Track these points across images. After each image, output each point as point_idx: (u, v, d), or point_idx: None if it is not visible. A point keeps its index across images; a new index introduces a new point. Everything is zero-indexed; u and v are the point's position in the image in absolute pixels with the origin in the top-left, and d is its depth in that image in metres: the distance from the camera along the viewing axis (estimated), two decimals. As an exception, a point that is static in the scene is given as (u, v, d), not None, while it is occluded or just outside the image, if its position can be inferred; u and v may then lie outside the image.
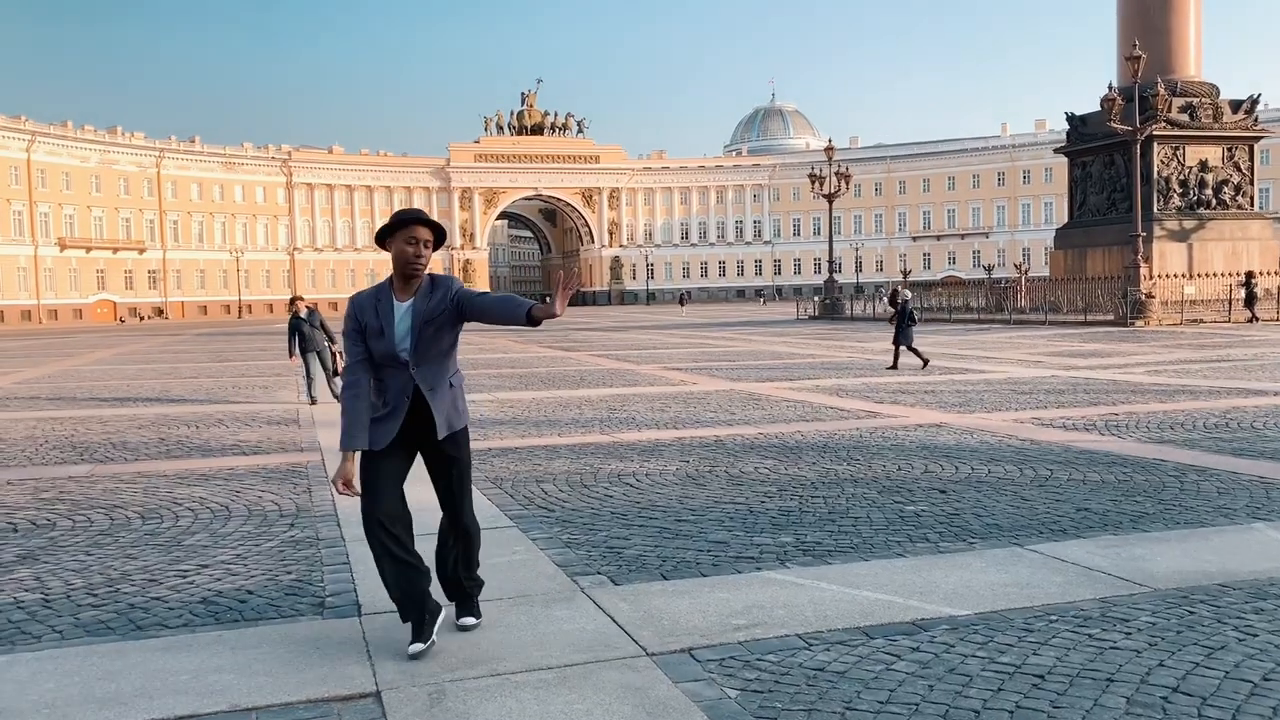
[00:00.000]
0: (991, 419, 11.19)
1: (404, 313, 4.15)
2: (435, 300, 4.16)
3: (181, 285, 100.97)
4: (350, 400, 4.15)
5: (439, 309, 4.16)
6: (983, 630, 4.32)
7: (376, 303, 4.17)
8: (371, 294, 4.23)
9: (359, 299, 4.23)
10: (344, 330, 4.25)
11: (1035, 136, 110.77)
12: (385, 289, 4.21)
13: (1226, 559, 5.31)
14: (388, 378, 4.20)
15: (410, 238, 4.11)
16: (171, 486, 8.23)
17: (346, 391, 4.17)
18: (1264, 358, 18.84)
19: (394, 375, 4.20)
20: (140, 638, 4.50)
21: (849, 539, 5.94)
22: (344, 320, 4.25)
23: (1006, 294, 41.76)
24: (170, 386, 18.82)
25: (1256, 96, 39.15)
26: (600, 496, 7.37)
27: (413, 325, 4.15)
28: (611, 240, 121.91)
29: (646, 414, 12.50)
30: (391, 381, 4.20)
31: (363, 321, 4.17)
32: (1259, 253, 37.77)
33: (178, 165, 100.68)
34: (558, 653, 4.18)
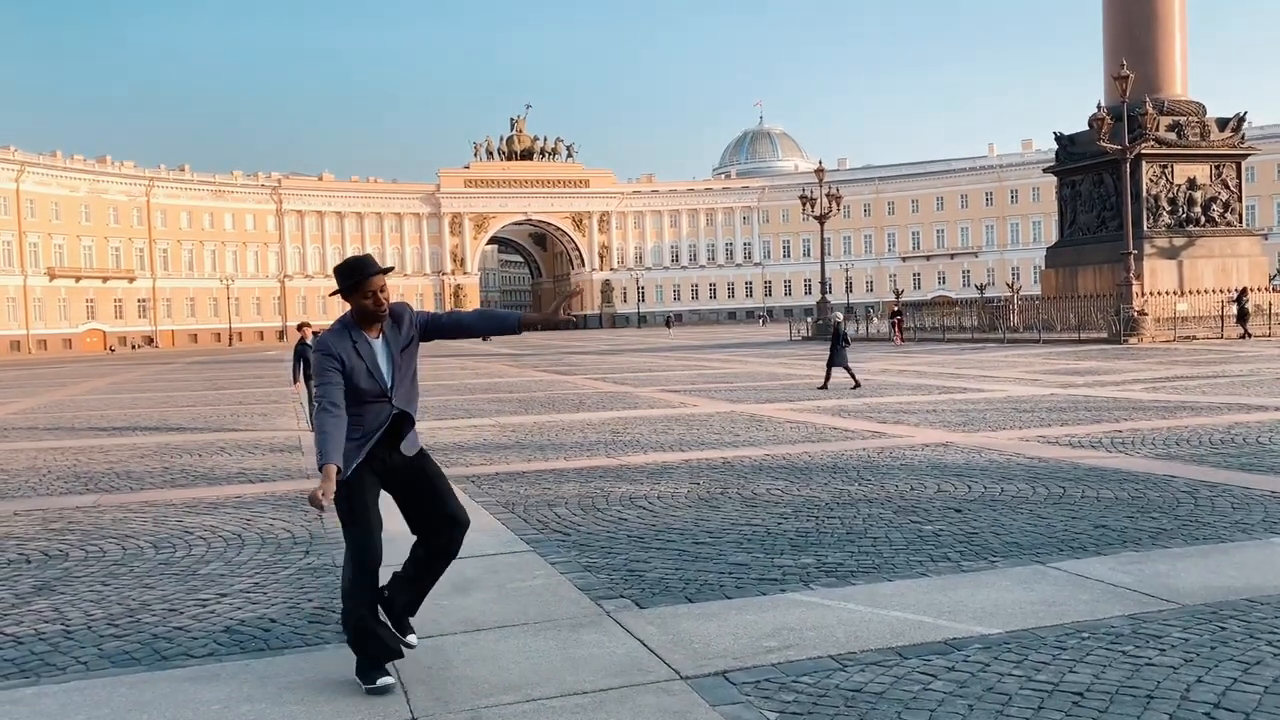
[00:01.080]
0: (997, 437, 11.21)
1: (381, 349, 4.26)
2: (404, 331, 4.30)
3: (172, 314, 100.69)
4: (330, 420, 4.11)
5: (408, 338, 4.31)
6: (1015, 649, 4.31)
7: (353, 344, 4.21)
8: (342, 335, 4.23)
9: (330, 340, 4.22)
10: (318, 367, 4.20)
11: (1022, 156, 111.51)
12: (355, 329, 4.24)
13: (1251, 574, 5.31)
14: (366, 411, 4.22)
15: (368, 291, 4.18)
16: (181, 515, 8.18)
17: (325, 414, 4.12)
18: (1260, 373, 18.93)
19: (374, 407, 4.23)
20: (166, 668, 4.46)
21: (870, 559, 5.93)
22: (317, 359, 4.22)
23: (1000, 313, 41.91)
24: (168, 415, 18.73)
25: (1243, 114, 39.52)
26: (614, 519, 7.34)
27: (390, 356, 4.26)
28: (602, 264, 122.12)
29: (650, 437, 12.48)
30: (369, 412, 4.22)
31: (346, 362, 4.18)
32: (1248, 269, 38.01)
33: (167, 194, 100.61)
34: (591, 677, 4.15)
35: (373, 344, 4.23)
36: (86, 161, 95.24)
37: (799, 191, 61.21)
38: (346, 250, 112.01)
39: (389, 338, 4.27)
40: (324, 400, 4.16)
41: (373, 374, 4.19)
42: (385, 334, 4.27)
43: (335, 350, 4.17)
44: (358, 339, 4.22)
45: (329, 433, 4.08)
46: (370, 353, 4.21)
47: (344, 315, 4.31)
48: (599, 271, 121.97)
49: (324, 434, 4.09)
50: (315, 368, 4.21)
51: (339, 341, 4.20)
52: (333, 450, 4.06)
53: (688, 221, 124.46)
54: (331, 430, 4.09)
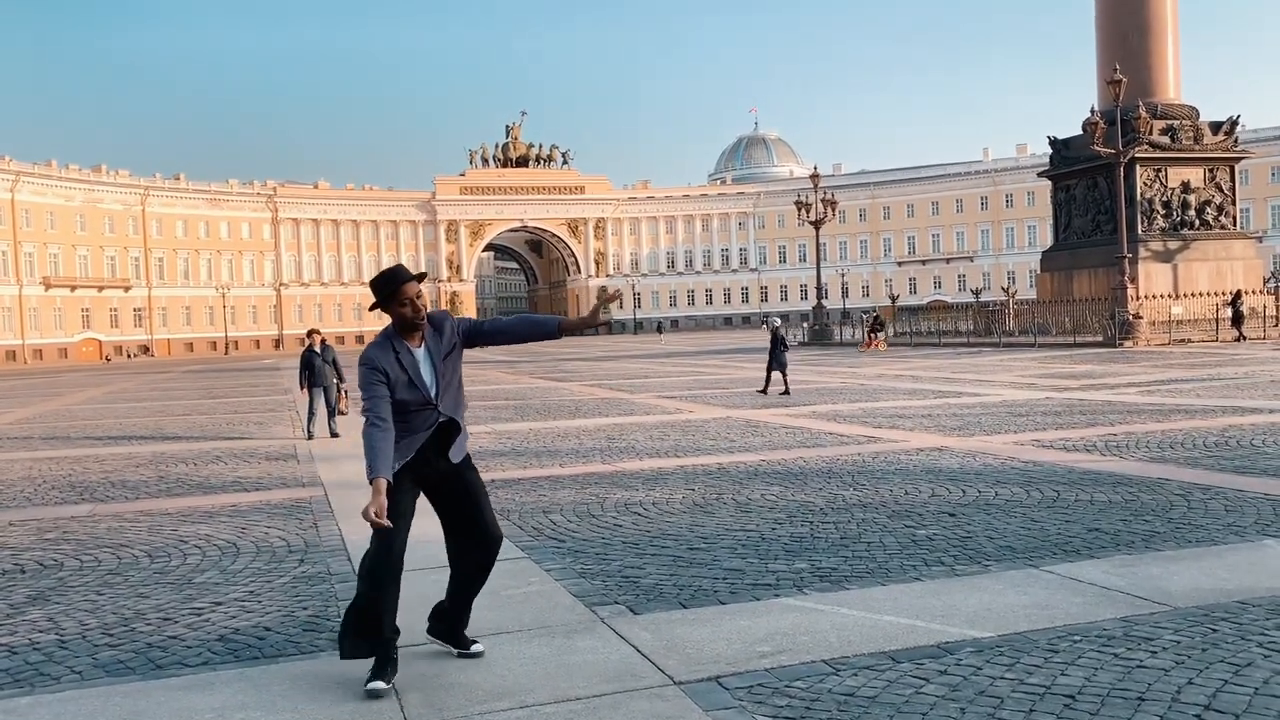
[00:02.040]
0: (992, 441, 11.23)
1: (424, 358, 4.33)
2: (445, 338, 4.37)
3: (167, 322, 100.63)
4: (378, 434, 4.17)
5: (450, 344, 4.38)
6: (1008, 652, 4.33)
7: (396, 355, 4.27)
8: (385, 347, 4.28)
9: (373, 354, 4.27)
10: (363, 381, 4.24)
11: (1017, 161, 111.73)
12: (397, 339, 4.31)
13: (1243, 576, 5.33)
14: (413, 418, 4.29)
15: (404, 299, 4.26)
16: (176, 524, 8.18)
17: (373, 428, 4.18)
18: (1254, 376, 18.97)
19: (420, 414, 4.31)
20: (161, 677, 4.47)
21: (864, 564, 5.95)
22: (362, 373, 4.26)
23: (995, 317, 41.99)
24: (164, 424, 18.72)
25: (1236, 118, 39.66)
26: (610, 526, 7.36)
27: (434, 365, 4.33)
28: (598, 270, 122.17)
29: (646, 443, 12.49)
30: (416, 419, 4.30)
31: (390, 375, 4.24)
32: (1243, 272, 38.11)
33: (163, 202, 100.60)
34: (584, 683, 4.16)
35: (415, 353, 4.31)
36: (82, 171, 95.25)
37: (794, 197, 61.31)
38: (343, 258, 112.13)
39: (431, 346, 4.34)
40: (371, 414, 4.22)
41: (414, 383, 4.26)
42: (427, 342, 4.34)
43: (380, 364, 4.24)
44: (400, 349, 4.28)
45: (377, 447, 4.15)
46: (413, 362, 4.28)
47: (386, 328, 4.37)
48: (595, 278, 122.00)
49: (373, 449, 4.15)
50: (361, 382, 4.26)
51: (383, 355, 4.26)
52: (381, 464, 4.13)
53: (683, 227, 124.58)
54: (380, 444, 4.16)
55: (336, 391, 15.30)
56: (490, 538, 4.47)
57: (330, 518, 8.21)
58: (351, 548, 6.96)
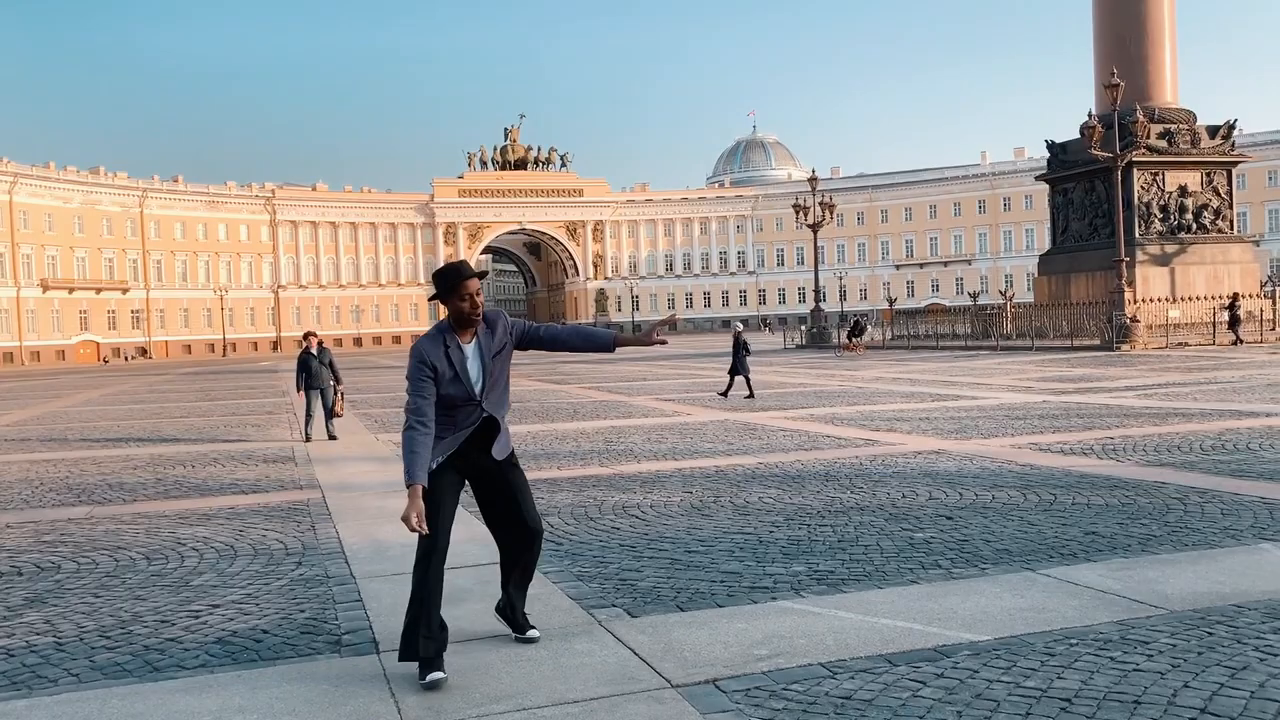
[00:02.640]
0: (989, 445, 11.24)
1: (473, 354, 4.42)
2: (497, 336, 4.47)
3: (165, 324, 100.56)
4: (418, 436, 4.24)
5: (501, 344, 4.48)
6: (1004, 655, 4.33)
7: (446, 350, 4.36)
8: (436, 341, 4.38)
9: (425, 347, 4.37)
10: (412, 374, 4.33)
11: (1015, 164, 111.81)
12: (449, 334, 4.41)
13: (1239, 580, 5.34)
14: (457, 413, 4.41)
15: (464, 294, 4.36)
16: (173, 526, 8.18)
17: (413, 430, 4.24)
18: (1251, 379, 19.00)
19: (465, 411, 4.42)
20: (158, 679, 4.47)
21: (861, 567, 5.95)
22: (412, 365, 4.34)
23: (993, 320, 42.02)
24: (161, 426, 18.71)
25: (1233, 122, 39.73)
26: (607, 529, 7.36)
27: (483, 363, 4.42)
28: (596, 273, 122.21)
29: (644, 445, 12.50)
30: (460, 414, 4.42)
31: (436, 368, 4.33)
32: (1239, 275, 38.17)
33: (161, 204, 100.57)
34: (581, 686, 4.17)
35: (465, 349, 4.40)
36: (80, 173, 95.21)
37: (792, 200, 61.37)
38: (341, 261, 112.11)
39: (482, 343, 4.43)
40: (413, 416, 4.27)
41: (460, 379, 4.35)
42: (479, 338, 4.43)
43: (429, 358, 4.33)
44: (451, 344, 4.38)
45: (417, 451, 4.22)
46: (461, 358, 4.38)
47: (440, 321, 4.48)
48: (593, 280, 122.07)
49: (412, 453, 4.21)
50: (410, 374, 4.33)
51: (433, 348, 4.36)
52: (419, 470, 4.20)
53: (682, 230, 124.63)
54: (419, 449, 4.22)
55: (334, 394, 15.27)
56: (530, 532, 4.62)
57: (328, 520, 8.21)
58: (349, 550, 6.96)
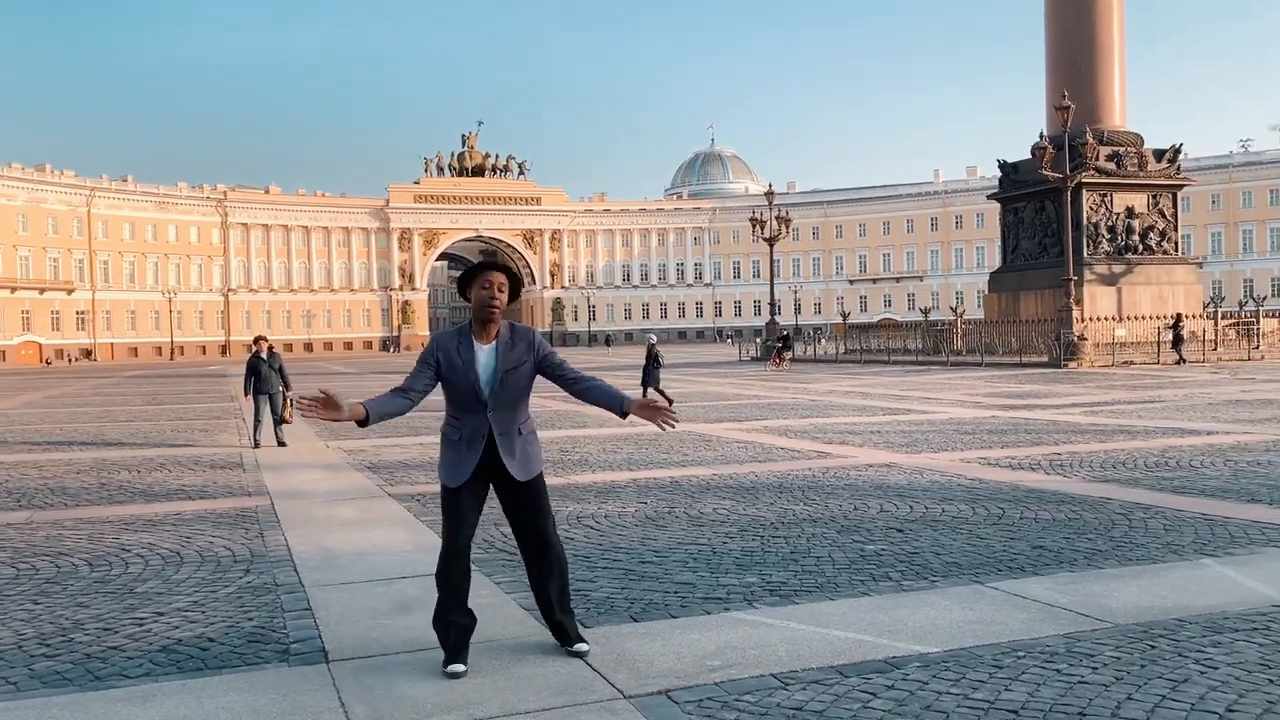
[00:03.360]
0: (939, 459, 11.37)
1: (486, 355, 4.42)
2: (518, 351, 4.46)
3: (111, 326, 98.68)
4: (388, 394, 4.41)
5: (521, 360, 4.46)
6: (954, 667, 4.38)
7: (458, 344, 4.42)
8: (453, 335, 4.47)
9: (442, 337, 4.48)
10: (419, 359, 4.47)
11: (967, 183, 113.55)
12: (465, 331, 4.46)
13: (1180, 594, 5.45)
14: (465, 417, 4.45)
15: (485, 282, 4.38)
16: (117, 532, 8.02)
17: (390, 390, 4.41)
18: (1194, 398, 19.42)
19: (470, 415, 4.45)
20: (100, 688, 4.37)
21: (813, 578, 5.99)
22: (421, 354, 4.47)
23: (943, 336, 42.55)
24: (106, 430, 18.35)
25: (1179, 146, 40.65)
26: (561, 538, 7.31)
27: (495, 370, 4.41)
28: (553, 282, 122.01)
29: (599, 455, 12.49)
30: (467, 421, 4.46)
31: (444, 358, 4.39)
32: (1184, 296, 39.01)
33: (109, 204, 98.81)
34: (533, 696, 4.15)
35: (478, 349, 4.40)
36: (25, 170, 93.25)
37: (749, 213, 61.72)
38: (293, 265, 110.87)
39: (500, 349, 4.41)
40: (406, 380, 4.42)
41: (466, 370, 4.35)
42: (498, 344, 4.42)
43: (440, 345, 4.43)
44: (463, 340, 4.41)
45: (383, 397, 4.37)
46: (472, 356, 4.38)
47: (468, 319, 4.51)
48: (550, 289, 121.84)
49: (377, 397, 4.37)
50: (419, 358, 4.46)
51: (446, 339, 4.44)
52: (374, 403, 4.33)
53: (639, 241, 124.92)
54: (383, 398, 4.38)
55: (283, 400, 15.06)
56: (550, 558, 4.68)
57: (276, 528, 8.10)
58: (298, 558, 6.87)
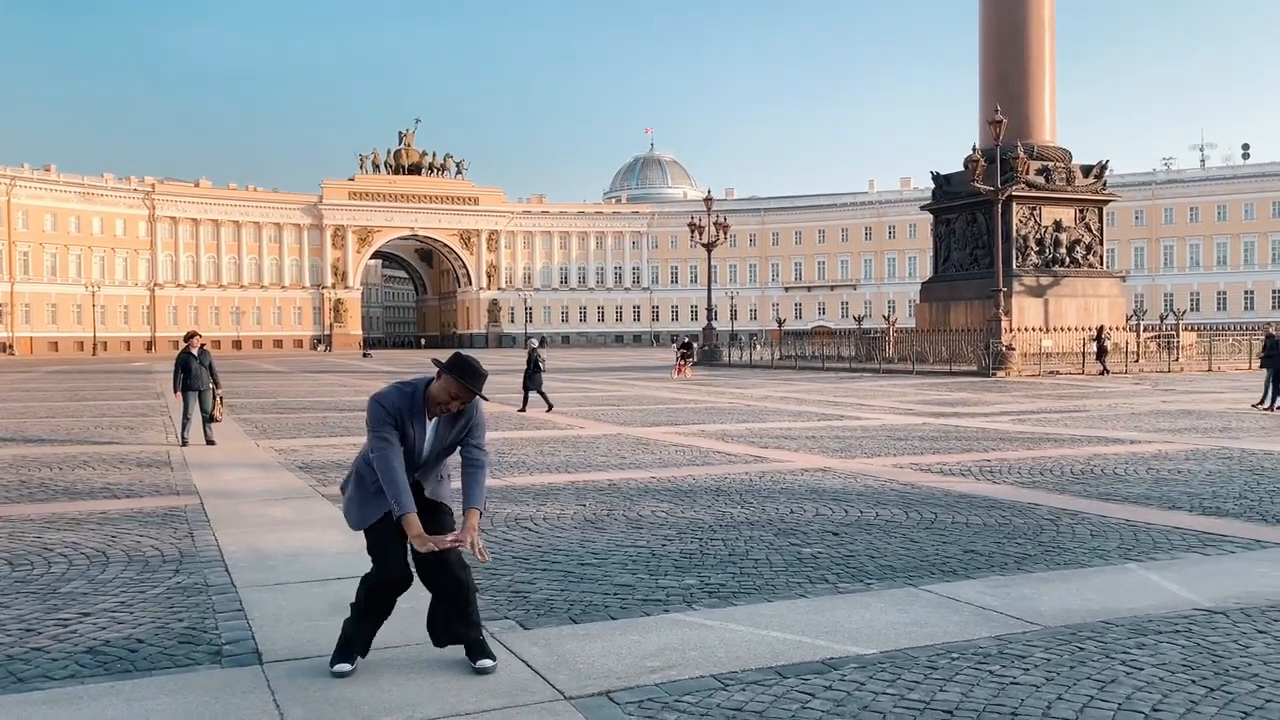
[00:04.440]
0: (873, 464, 11.54)
1: (431, 430, 4.47)
2: (456, 430, 4.52)
3: (30, 320, 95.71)
4: (393, 461, 4.32)
5: (457, 437, 4.53)
6: (889, 668, 4.45)
7: (411, 414, 4.41)
8: (406, 402, 4.42)
9: (393, 401, 4.41)
10: (375, 420, 4.37)
11: (901, 194, 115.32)
12: (419, 405, 4.43)
13: (1107, 597, 5.60)
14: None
15: (452, 393, 4.37)
16: (39, 531, 7.79)
17: (389, 462, 4.31)
18: (1117, 408, 19.96)
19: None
20: (23, 689, 4.24)
21: (751, 580, 6.04)
22: (376, 413, 4.38)
23: (876, 344, 43.16)
24: (26, 426, 17.80)
25: (1105, 163, 41.79)
26: (500, 540, 7.30)
27: (434, 444, 4.48)
28: (489, 283, 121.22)
29: (536, 458, 12.44)
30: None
31: (401, 421, 4.39)
32: (1108, 309, 40.09)
33: (30, 194, 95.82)
34: (473, 698, 4.12)
35: (427, 423, 4.45)
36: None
37: (688, 219, 62.01)
38: (222, 260, 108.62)
39: (441, 428, 4.48)
40: (380, 448, 4.32)
41: (415, 447, 4.43)
42: (442, 420, 4.47)
43: (393, 409, 4.38)
44: (417, 414, 4.42)
45: (397, 480, 4.30)
46: (422, 431, 4.44)
47: (419, 384, 4.45)
48: (486, 290, 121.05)
49: (393, 482, 4.30)
50: (371, 417, 4.39)
51: (400, 405, 4.40)
52: (406, 498, 4.30)
53: (578, 244, 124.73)
54: (398, 475, 4.31)
55: (213, 398, 14.75)
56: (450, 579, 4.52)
57: (206, 527, 7.93)
58: (229, 559, 6.74)
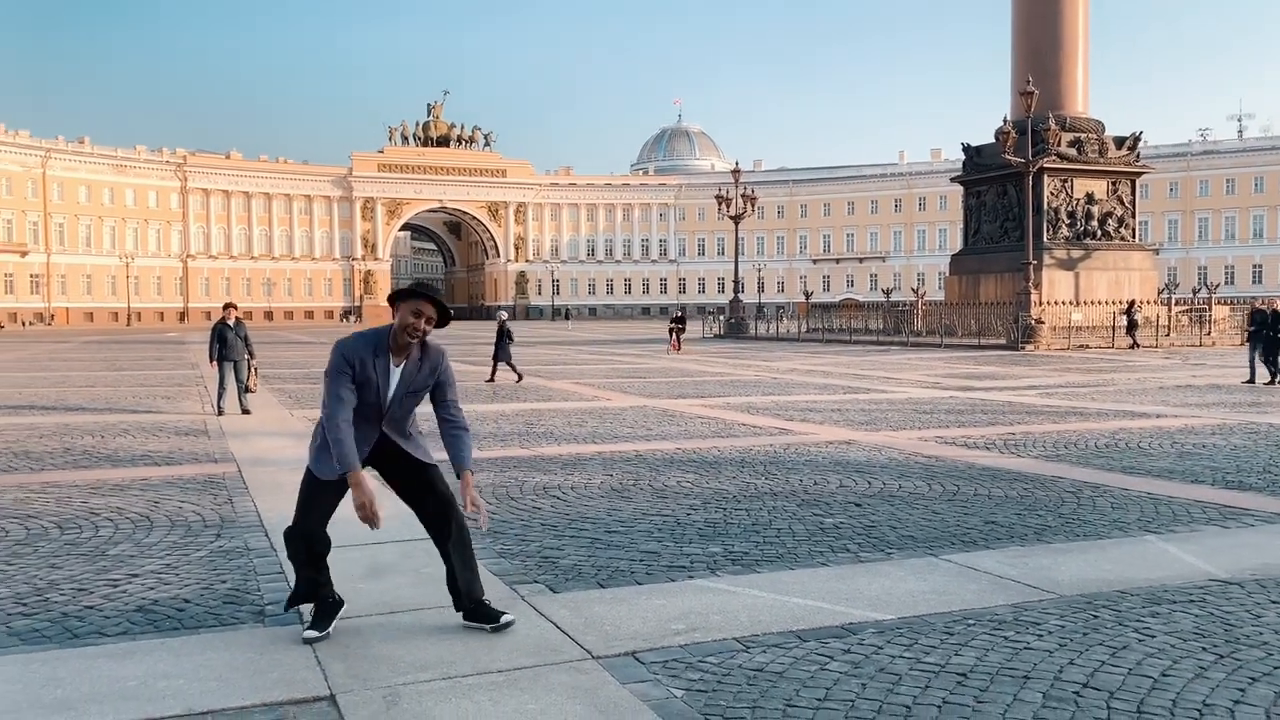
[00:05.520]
0: (898, 437, 11.63)
1: (396, 376, 4.43)
2: (424, 373, 4.48)
3: (66, 291, 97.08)
4: (340, 422, 4.30)
5: (425, 384, 4.50)
6: (907, 633, 4.59)
7: (374, 359, 4.37)
8: (367, 346, 4.39)
9: (353, 347, 4.37)
10: (333, 369, 4.35)
11: (931, 165, 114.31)
12: (383, 347, 4.39)
13: (1124, 569, 5.70)
14: (357, 424, 4.42)
15: (418, 311, 4.35)
16: (85, 496, 8.06)
17: (336, 420, 4.29)
18: (1145, 382, 19.89)
19: (364, 424, 4.44)
20: (79, 645, 4.47)
21: (774, 549, 6.19)
22: (334, 361, 4.35)
23: (904, 317, 43.02)
24: (66, 395, 18.20)
25: (1139, 134, 41.25)
26: (529, 508, 7.48)
27: (397, 389, 4.43)
28: (517, 255, 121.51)
29: (564, 429, 12.63)
30: (360, 428, 4.44)
31: (359, 369, 4.34)
32: (1139, 282, 39.72)
33: (65, 166, 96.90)
34: (505, 657, 4.30)
35: (391, 368, 4.40)
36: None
37: (715, 191, 61.87)
38: (253, 232, 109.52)
39: (408, 371, 4.43)
40: (333, 406, 4.28)
41: (379, 392, 4.37)
42: (407, 365, 4.43)
43: (354, 358, 4.34)
44: (380, 356, 4.37)
45: (343, 439, 4.26)
46: (386, 374, 4.39)
47: (380, 330, 4.43)
48: (514, 263, 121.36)
49: (338, 440, 4.25)
50: (329, 368, 4.34)
51: (363, 348, 4.35)
52: (351, 455, 4.27)
53: (605, 216, 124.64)
54: (344, 435, 4.27)
55: (248, 368, 15.04)
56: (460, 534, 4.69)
57: (245, 494, 8.17)
58: (268, 524, 6.96)
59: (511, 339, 21.53)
